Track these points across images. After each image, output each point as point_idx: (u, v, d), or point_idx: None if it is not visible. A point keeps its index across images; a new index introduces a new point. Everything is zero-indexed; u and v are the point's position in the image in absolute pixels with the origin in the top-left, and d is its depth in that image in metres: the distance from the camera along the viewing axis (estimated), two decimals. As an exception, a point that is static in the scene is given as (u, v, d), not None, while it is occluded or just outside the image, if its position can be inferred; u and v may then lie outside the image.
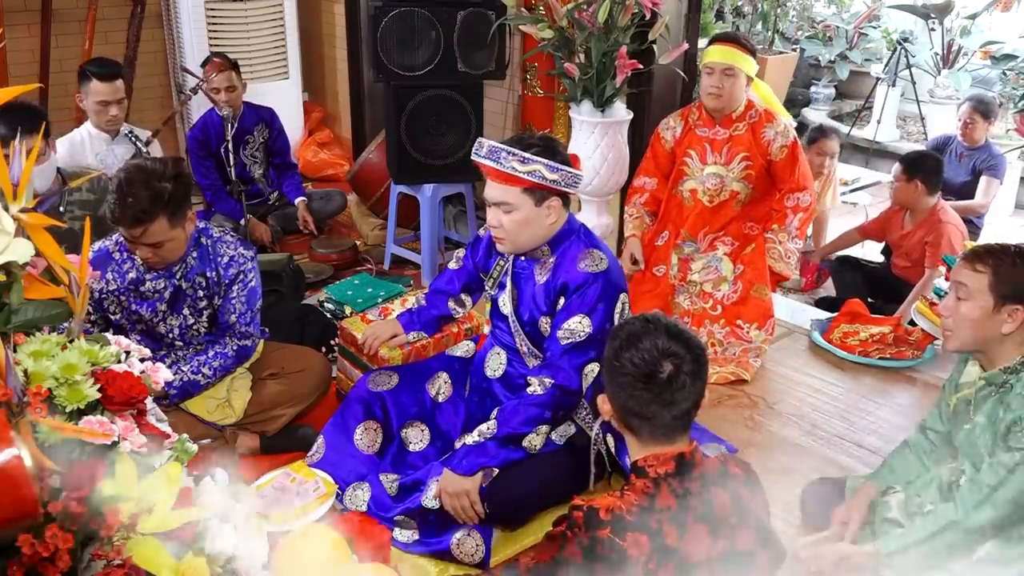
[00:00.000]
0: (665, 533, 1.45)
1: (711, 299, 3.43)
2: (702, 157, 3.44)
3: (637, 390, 1.52)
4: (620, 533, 1.43)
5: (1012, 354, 1.99)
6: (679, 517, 1.47)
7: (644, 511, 1.46)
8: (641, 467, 1.54)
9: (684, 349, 1.52)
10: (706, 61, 3.35)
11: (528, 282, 2.36)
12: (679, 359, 1.51)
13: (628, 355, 1.53)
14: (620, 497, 1.49)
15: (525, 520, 2.35)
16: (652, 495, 1.49)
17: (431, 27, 3.63)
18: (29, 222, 1.14)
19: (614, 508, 1.46)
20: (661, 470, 1.51)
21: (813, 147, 4.38)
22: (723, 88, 3.28)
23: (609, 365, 1.57)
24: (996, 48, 6.75)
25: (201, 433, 2.56)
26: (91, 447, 1.19)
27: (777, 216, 3.44)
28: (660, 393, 1.51)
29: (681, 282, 3.49)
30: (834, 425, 2.99)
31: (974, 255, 2.01)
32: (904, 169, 3.90)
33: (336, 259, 4.13)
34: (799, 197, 3.41)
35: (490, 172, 2.22)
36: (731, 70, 3.25)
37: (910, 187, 3.89)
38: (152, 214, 2.32)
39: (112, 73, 3.52)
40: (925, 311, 3.41)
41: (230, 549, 1.26)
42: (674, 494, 1.49)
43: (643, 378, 1.51)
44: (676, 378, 1.51)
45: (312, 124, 5.68)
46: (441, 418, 2.54)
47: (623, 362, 1.53)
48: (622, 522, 1.44)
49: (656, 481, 1.50)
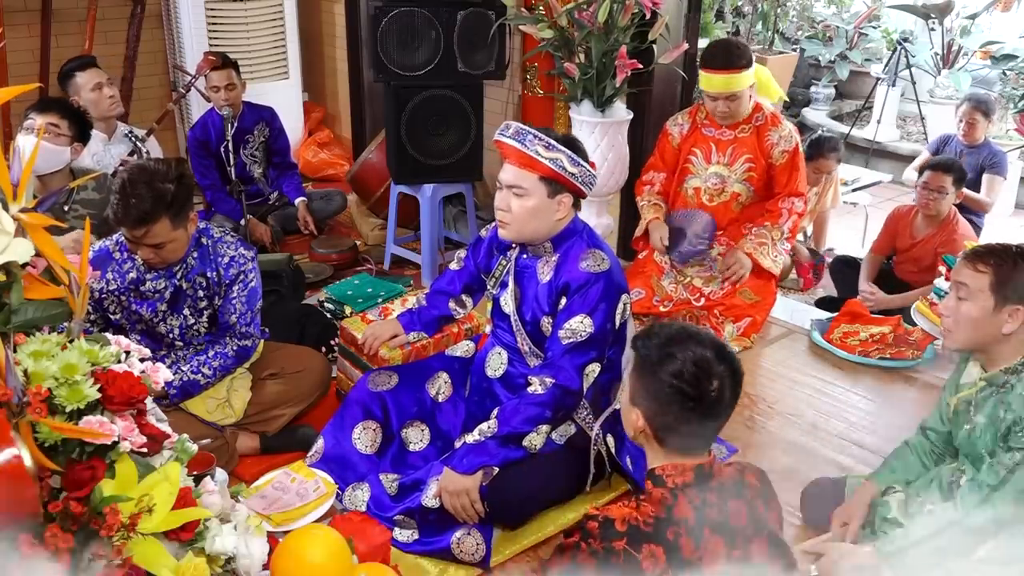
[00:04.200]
0: (682, 546, 1.42)
1: (698, 292, 3.48)
2: (706, 156, 3.46)
3: (685, 409, 1.48)
4: (636, 545, 1.40)
5: (1013, 354, 1.99)
6: (695, 530, 1.44)
7: (661, 523, 1.43)
8: (659, 476, 1.51)
9: (728, 367, 1.50)
10: (706, 90, 3.37)
11: (531, 281, 2.36)
12: (723, 378, 1.49)
13: (674, 370, 1.48)
14: (636, 508, 1.46)
15: (525, 519, 2.35)
16: (670, 506, 1.45)
17: (431, 27, 3.63)
18: (29, 222, 1.14)
19: (630, 519, 1.43)
20: (679, 480, 1.49)
21: (811, 164, 4.28)
22: (729, 110, 3.37)
23: (651, 380, 1.51)
24: (996, 48, 6.75)
25: (201, 433, 2.55)
26: (91, 447, 1.19)
27: (771, 215, 3.47)
28: (706, 411, 1.49)
29: (671, 268, 3.53)
30: (834, 425, 2.99)
31: (975, 255, 2.01)
32: (955, 180, 3.80)
33: (336, 259, 4.12)
34: (794, 202, 3.48)
35: (511, 154, 2.22)
36: (733, 96, 3.29)
37: (956, 196, 3.86)
38: (155, 215, 2.32)
39: (88, 62, 3.68)
40: (925, 311, 3.41)
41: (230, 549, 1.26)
42: (691, 505, 1.46)
43: (691, 398, 1.48)
44: (722, 397, 1.49)
45: (312, 124, 5.68)
46: (441, 418, 2.54)
47: (667, 377, 1.48)
48: (638, 533, 1.41)
49: (674, 492, 1.48)
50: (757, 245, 3.46)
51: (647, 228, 3.57)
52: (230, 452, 2.60)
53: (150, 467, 1.27)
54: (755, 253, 3.45)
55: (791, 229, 3.49)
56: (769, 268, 3.47)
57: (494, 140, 2.30)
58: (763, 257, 3.45)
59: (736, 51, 3.32)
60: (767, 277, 3.52)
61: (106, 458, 1.21)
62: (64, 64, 3.69)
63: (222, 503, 1.38)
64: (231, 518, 1.37)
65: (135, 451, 1.25)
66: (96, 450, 1.20)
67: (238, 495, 1.63)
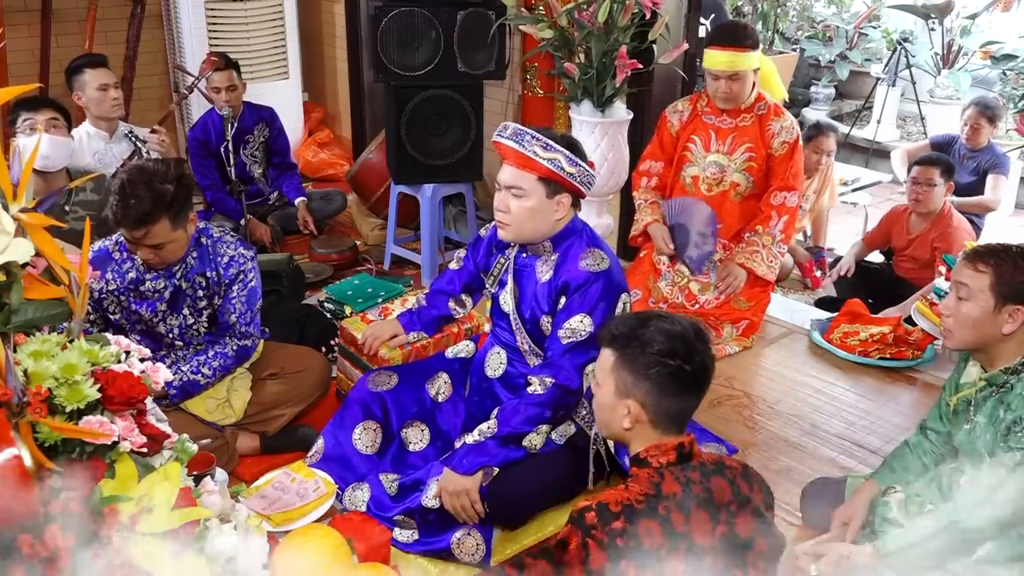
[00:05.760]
0: (673, 520, 1.48)
1: (694, 299, 3.48)
2: (706, 144, 3.45)
3: (683, 381, 1.57)
4: (633, 522, 1.46)
5: (1012, 354, 1.99)
6: (684, 504, 1.50)
7: (651, 499, 1.49)
8: (643, 458, 1.58)
9: (693, 329, 1.60)
10: (709, 67, 3.35)
11: (530, 279, 2.36)
12: (701, 342, 1.59)
13: (661, 349, 1.56)
14: (626, 489, 1.52)
15: (525, 519, 2.35)
16: (657, 483, 1.52)
17: (431, 27, 3.63)
18: (29, 222, 1.14)
19: (622, 500, 1.48)
20: (663, 460, 1.56)
21: (810, 144, 4.36)
22: (731, 91, 3.33)
23: (640, 366, 1.58)
24: (996, 48, 6.75)
25: (201, 433, 2.55)
26: (91, 447, 1.19)
27: (762, 217, 3.45)
28: (700, 379, 1.59)
29: (668, 268, 3.51)
30: (834, 425, 2.99)
31: (975, 255, 2.01)
32: (942, 172, 3.87)
33: (336, 259, 4.12)
34: (786, 196, 3.42)
35: (509, 154, 2.22)
36: (736, 75, 3.27)
37: (946, 189, 3.90)
38: (154, 216, 2.32)
39: (100, 60, 3.65)
40: (925, 311, 3.41)
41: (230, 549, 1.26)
42: (677, 481, 1.53)
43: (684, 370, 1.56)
44: (707, 363, 1.59)
45: (312, 124, 5.68)
46: (441, 418, 2.54)
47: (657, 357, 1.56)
48: (632, 511, 1.47)
49: (659, 471, 1.55)
50: (750, 255, 3.43)
51: (645, 230, 3.57)
52: (230, 452, 2.60)
53: (150, 467, 1.27)
54: (748, 263, 3.43)
55: (783, 230, 3.44)
56: (764, 275, 3.44)
57: (492, 141, 2.30)
58: (757, 265, 3.43)
59: (743, 31, 3.33)
60: (763, 284, 3.50)
61: (106, 458, 1.21)
62: (75, 59, 3.68)
63: (222, 503, 1.38)
64: (231, 518, 1.36)
65: (135, 451, 1.25)
66: (96, 450, 1.20)
67: (238, 495, 1.63)
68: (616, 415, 1.62)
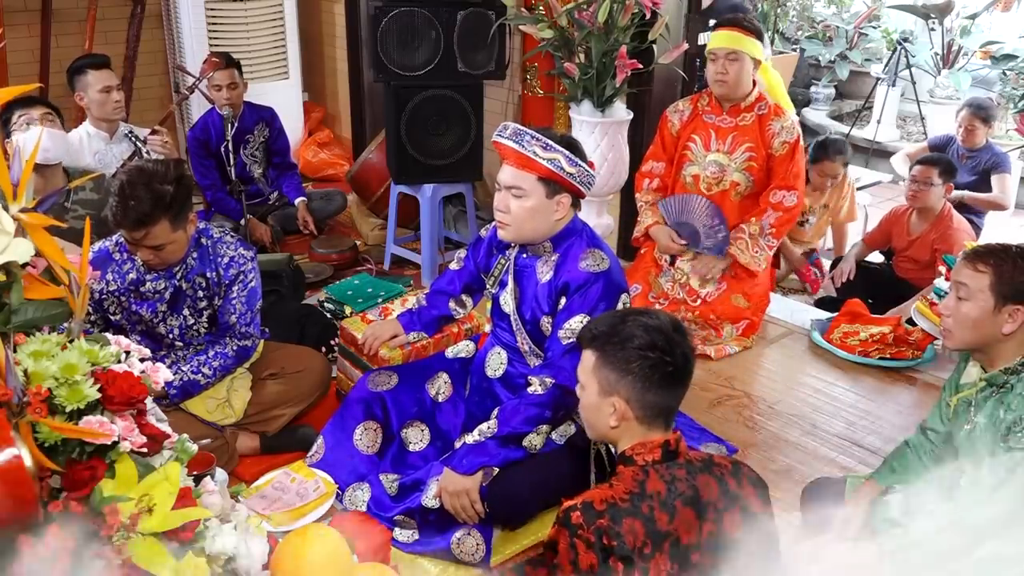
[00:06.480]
0: (657, 519, 1.48)
1: (695, 294, 3.47)
2: (706, 144, 3.44)
3: (666, 375, 1.58)
4: (617, 520, 1.46)
5: (1012, 354, 1.99)
6: (668, 502, 1.51)
7: (635, 497, 1.50)
8: (629, 456, 1.59)
9: (671, 322, 1.63)
10: (710, 47, 3.35)
11: (530, 280, 2.36)
12: (680, 335, 1.61)
13: (641, 344, 1.57)
14: (610, 487, 1.52)
15: (525, 519, 2.35)
16: (642, 481, 1.52)
17: (431, 27, 3.63)
18: (29, 222, 1.14)
19: (606, 498, 1.49)
20: (649, 457, 1.57)
21: (815, 167, 4.25)
22: (728, 74, 3.29)
23: (621, 363, 1.59)
24: (996, 48, 6.74)
25: (201, 433, 2.55)
26: (91, 447, 1.19)
27: (757, 211, 3.44)
28: (683, 372, 1.60)
29: (670, 265, 3.51)
30: (834, 425, 2.99)
31: (975, 255, 2.01)
32: (941, 173, 3.86)
33: (336, 259, 4.12)
34: (784, 195, 3.40)
35: (509, 155, 2.22)
36: (735, 55, 3.25)
37: (945, 189, 3.89)
38: (154, 217, 2.32)
39: (104, 62, 3.64)
40: (925, 311, 3.41)
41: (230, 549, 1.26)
42: (662, 479, 1.53)
43: (668, 363, 1.57)
44: (688, 356, 1.60)
45: (312, 124, 5.68)
46: (441, 418, 2.54)
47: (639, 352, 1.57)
48: (616, 509, 1.48)
49: (644, 468, 1.55)
50: (733, 240, 3.41)
51: (647, 232, 3.56)
52: (230, 452, 2.60)
53: (150, 467, 1.27)
54: (730, 249, 3.41)
55: (773, 224, 3.40)
56: (747, 264, 3.41)
57: (492, 141, 2.30)
58: (740, 253, 3.40)
59: (747, 18, 3.35)
60: (757, 279, 3.50)
61: (106, 458, 1.21)
62: (77, 59, 3.66)
63: (222, 503, 1.38)
64: (231, 518, 1.36)
65: (135, 451, 1.25)
66: (96, 450, 1.20)
67: (238, 495, 1.63)
68: (602, 414, 1.62)
